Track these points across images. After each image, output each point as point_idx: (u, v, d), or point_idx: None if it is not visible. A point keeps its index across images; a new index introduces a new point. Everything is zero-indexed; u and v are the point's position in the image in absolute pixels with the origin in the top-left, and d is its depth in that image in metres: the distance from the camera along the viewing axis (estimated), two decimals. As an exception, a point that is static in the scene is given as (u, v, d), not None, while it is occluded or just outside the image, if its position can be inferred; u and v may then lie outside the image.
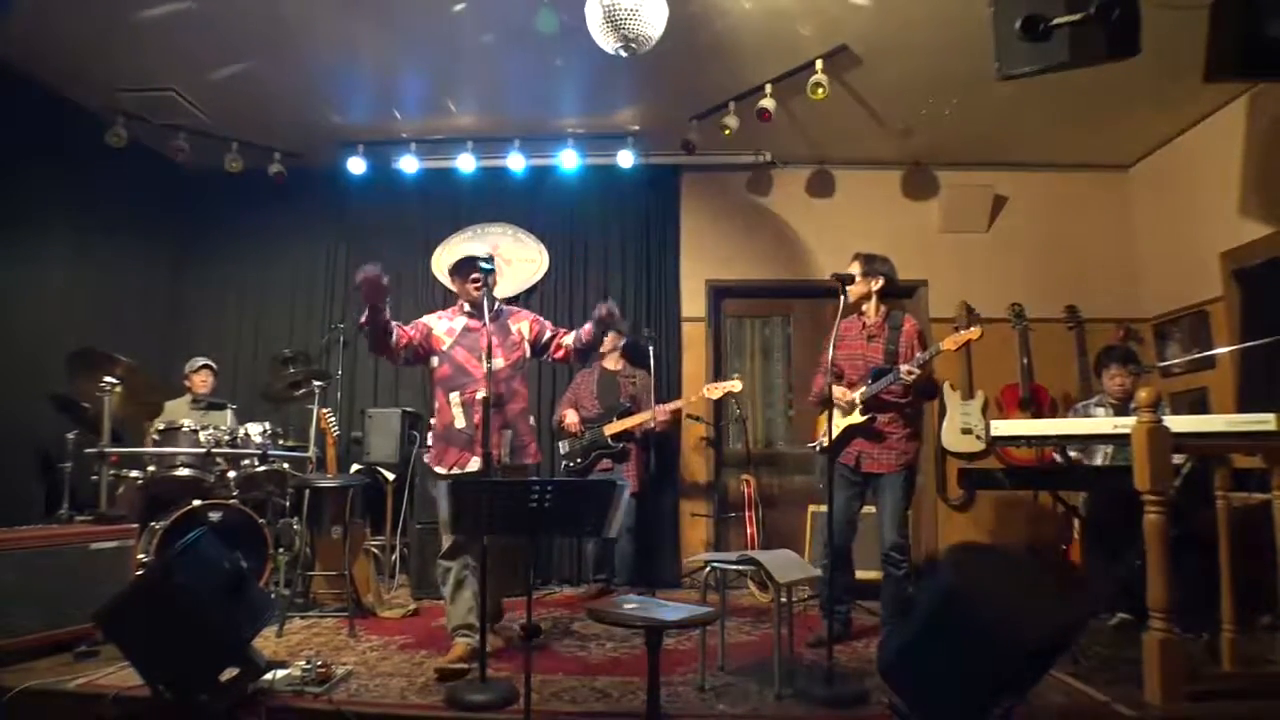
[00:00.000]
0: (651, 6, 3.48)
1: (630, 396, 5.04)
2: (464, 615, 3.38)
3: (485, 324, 3.34)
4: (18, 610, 3.17)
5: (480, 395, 3.28)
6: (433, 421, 3.70)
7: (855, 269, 3.80)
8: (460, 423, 3.47)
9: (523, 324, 3.66)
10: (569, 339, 3.62)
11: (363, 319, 3.29)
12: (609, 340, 5.10)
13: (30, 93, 4.60)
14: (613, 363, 5.19)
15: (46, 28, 4.11)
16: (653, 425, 4.91)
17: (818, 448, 3.96)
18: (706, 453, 5.72)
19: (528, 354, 3.65)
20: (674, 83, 4.70)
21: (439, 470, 3.47)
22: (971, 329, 3.62)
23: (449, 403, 3.50)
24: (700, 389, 5.09)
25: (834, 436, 3.74)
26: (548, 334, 3.66)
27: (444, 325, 3.57)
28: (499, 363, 3.44)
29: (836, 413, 3.82)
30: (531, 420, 3.64)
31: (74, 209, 4.95)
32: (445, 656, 3.26)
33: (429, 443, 3.79)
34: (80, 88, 4.77)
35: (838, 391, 3.76)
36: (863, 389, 3.68)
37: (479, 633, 3.26)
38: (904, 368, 3.54)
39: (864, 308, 3.84)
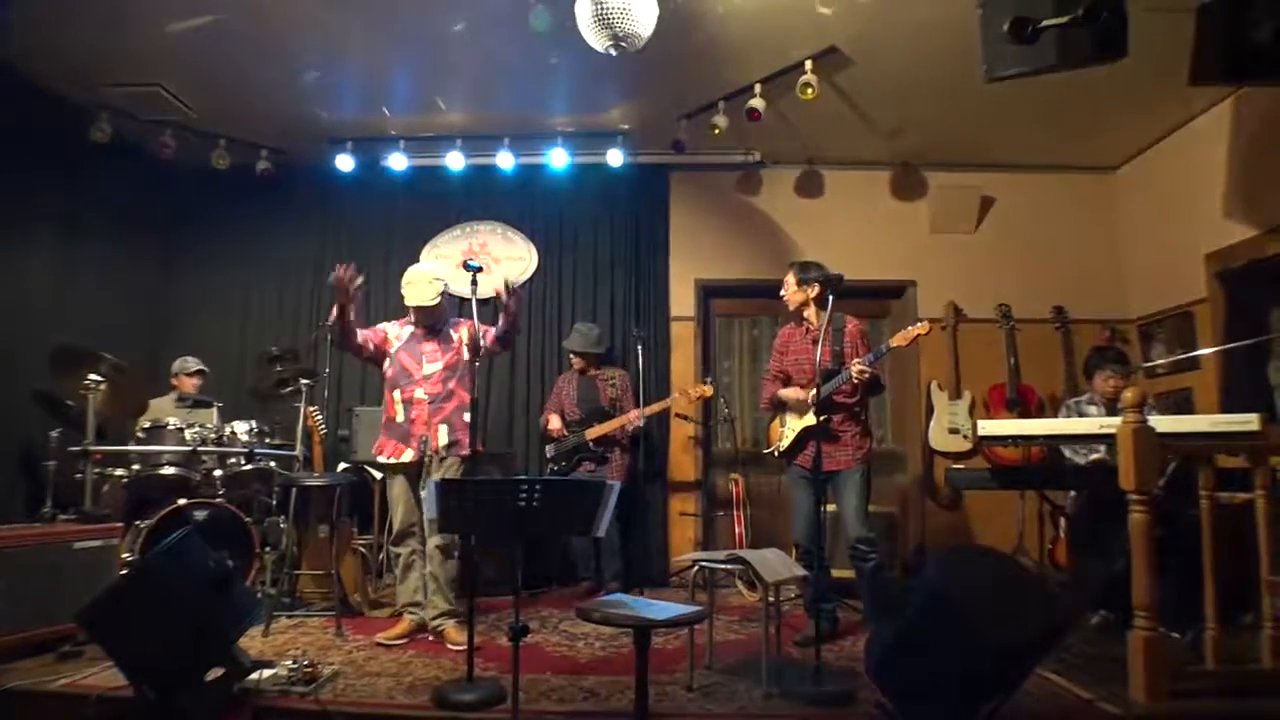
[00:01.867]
0: (641, 5, 3.47)
1: (610, 400, 5.05)
2: (411, 594, 3.77)
3: (473, 318, 3.65)
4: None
5: (418, 395, 3.78)
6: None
7: (790, 278, 3.90)
8: (399, 417, 3.82)
9: (462, 331, 3.92)
10: (493, 330, 3.87)
11: (331, 315, 3.69)
12: (577, 362, 5.16)
13: (13, 87, 4.54)
14: (580, 370, 5.18)
15: (31, 22, 4.06)
16: (632, 427, 4.97)
17: (775, 452, 3.99)
18: (695, 452, 5.73)
19: (465, 357, 3.87)
20: (664, 82, 4.70)
21: (380, 459, 3.86)
22: (920, 324, 3.66)
23: (393, 400, 3.85)
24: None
25: (790, 440, 3.86)
26: (478, 331, 3.87)
27: (395, 330, 3.97)
28: (436, 367, 3.83)
29: (792, 415, 3.91)
30: (466, 417, 3.81)
31: (58, 205, 4.91)
32: (387, 632, 3.66)
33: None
34: (65, 82, 4.72)
35: (790, 393, 3.86)
36: (812, 391, 3.70)
37: (424, 610, 3.70)
38: (855, 366, 3.58)
39: (805, 314, 3.89)
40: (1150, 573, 2.72)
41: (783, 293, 3.94)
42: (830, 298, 3.41)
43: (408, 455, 3.76)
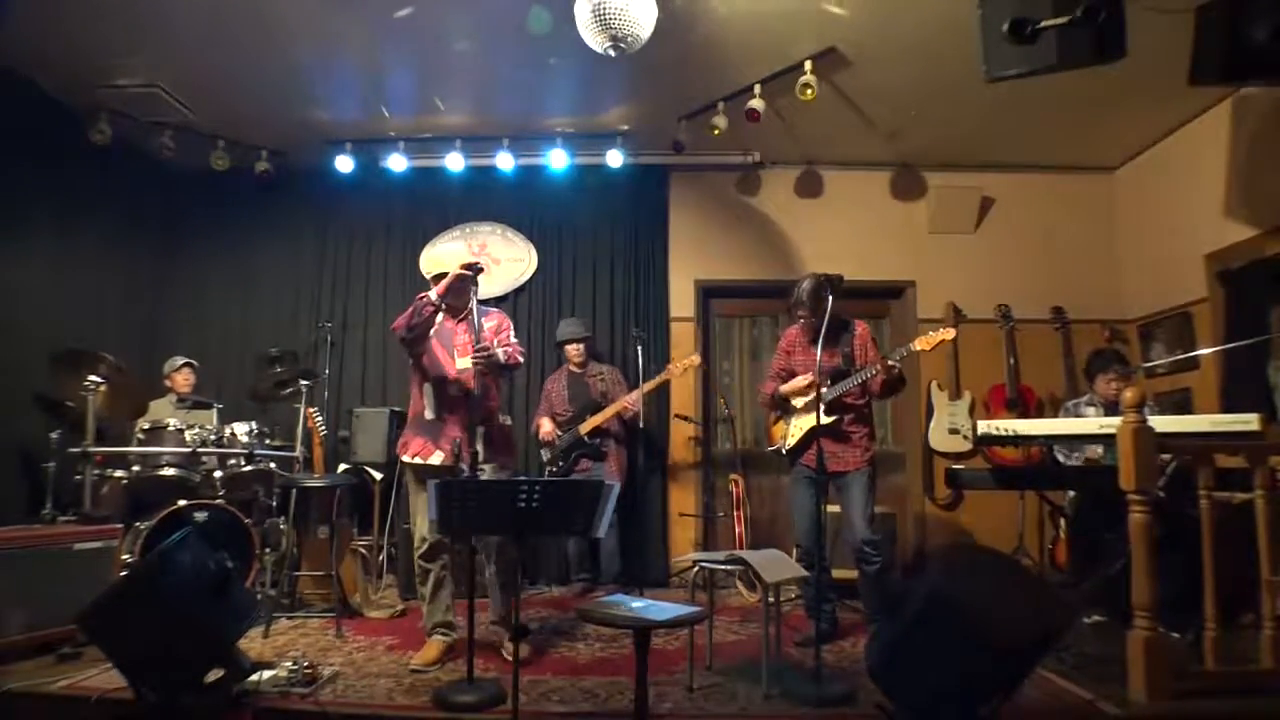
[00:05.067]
0: (640, 6, 3.48)
1: (601, 394, 5.07)
2: (442, 614, 3.44)
3: (473, 320, 3.43)
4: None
5: (453, 392, 3.43)
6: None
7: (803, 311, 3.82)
8: (430, 414, 3.49)
9: (492, 322, 3.62)
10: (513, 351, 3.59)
11: (438, 291, 3.40)
12: (574, 352, 5.18)
13: (12, 89, 4.54)
14: (577, 364, 5.20)
15: (29, 23, 4.06)
16: (628, 415, 4.98)
17: (781, 450, 3.98)
18: (695, 452, 5.72)
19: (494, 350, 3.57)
20: (663, 83, 4.70)
21: (404, 458, 3.53)
22: (946, 330, 3.64)
23: (422, 393, 3.54)
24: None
25: (797, 439, 3.82)
26: (497, 340, 3.57)
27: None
28: (468, 361, 3.44)
29: (800, 414, 3.88)
30: (505, 419, 3.66)
31: (58, 207, 4.90)
32: (420, 656, 3.32)
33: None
34: (64, 84, 4.71)
35: (794, 384, 3.84)
36: (824, 390, 3.69)
37: (456, 631, 3.40)
38: (891, 359, 3.57)
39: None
40: (1150, 573, 2.72)
41: (800, 316, 3.86)
42: (830, 297, 3.41)
43: (436, 458, 3.42)
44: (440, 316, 3.54)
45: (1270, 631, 2.79)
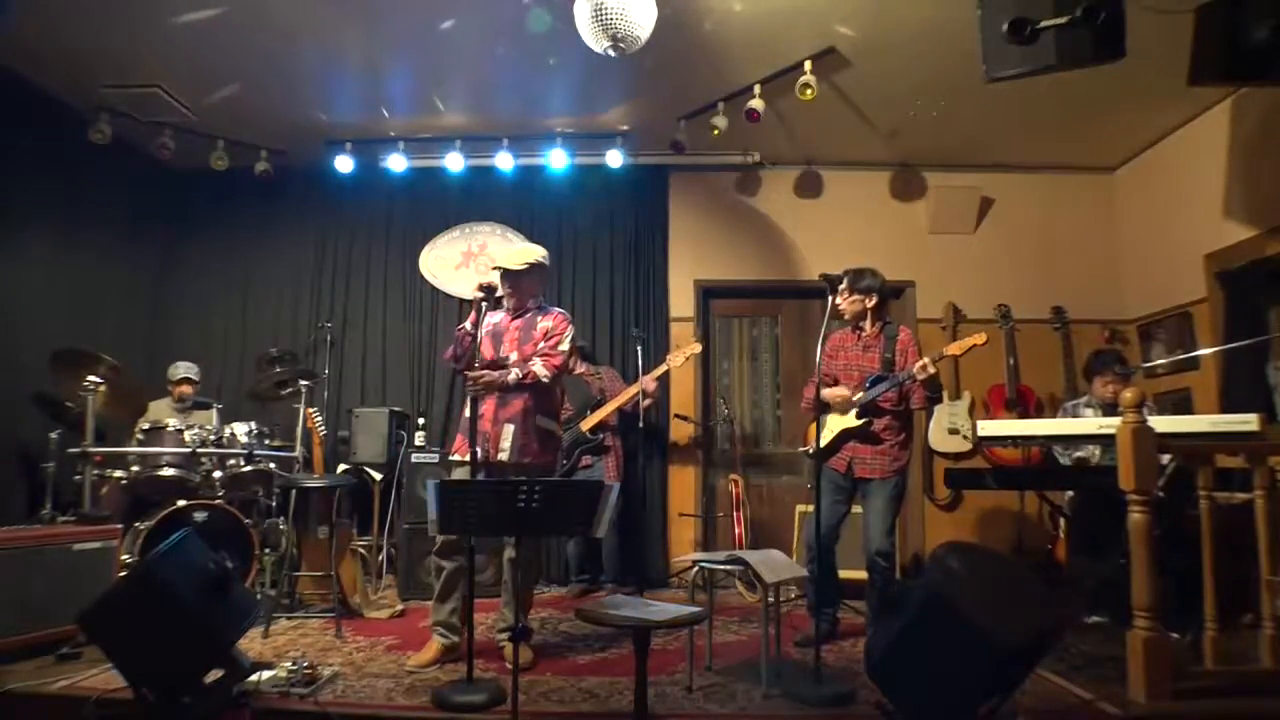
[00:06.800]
0: (640, 6, 3.48)
1: (599, 390, 5.10)
2: (446, 614, 3.42)
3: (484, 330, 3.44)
4: (-1, 612, 3.14)
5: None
6: None
7: (842, 286, 3.72)
8: (467, 410, 3.45)
9: (547, 323, 3.54)
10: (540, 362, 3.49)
11: (471, 329, 3.37)
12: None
13: (12, 88, 4.55)
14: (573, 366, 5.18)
15: (30, 23, 4.06)
16: (647, 400, 5.00)
17: (810, 451, 3.95)
18: (695, 453, 5.72)
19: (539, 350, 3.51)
20: (663, 83, 4.70)
21: (450, 456, 3.61)
22: (977, 336, 3.64)
23: (467, 391, 3.50)
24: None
25: (828, 440, 3.78)
26: (542, 345, 3.51)
27: (490, 320, 3.59)
28: (513, 358, 3.46)
29: (834, 415, 3.84)
30: (540, 421, 3.49)
31: (57, 207, 4.90)
32: (417, 656, 3.34)
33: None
34: (64, 84, 4.72)
35: (834, 392, 3.78)
36: (860, 394, 3.69)
37: (458, 634, 3.37)
38: (918, 364, 3.54)
39: (861, 321, 3.83)
40: (1150, 573, 2.72)
41: (838, 301, 3.70)
42: (830, 298, 3.40)
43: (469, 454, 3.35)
44: (501, 314, 3.63)
45: (1270, 631, 2.79)
